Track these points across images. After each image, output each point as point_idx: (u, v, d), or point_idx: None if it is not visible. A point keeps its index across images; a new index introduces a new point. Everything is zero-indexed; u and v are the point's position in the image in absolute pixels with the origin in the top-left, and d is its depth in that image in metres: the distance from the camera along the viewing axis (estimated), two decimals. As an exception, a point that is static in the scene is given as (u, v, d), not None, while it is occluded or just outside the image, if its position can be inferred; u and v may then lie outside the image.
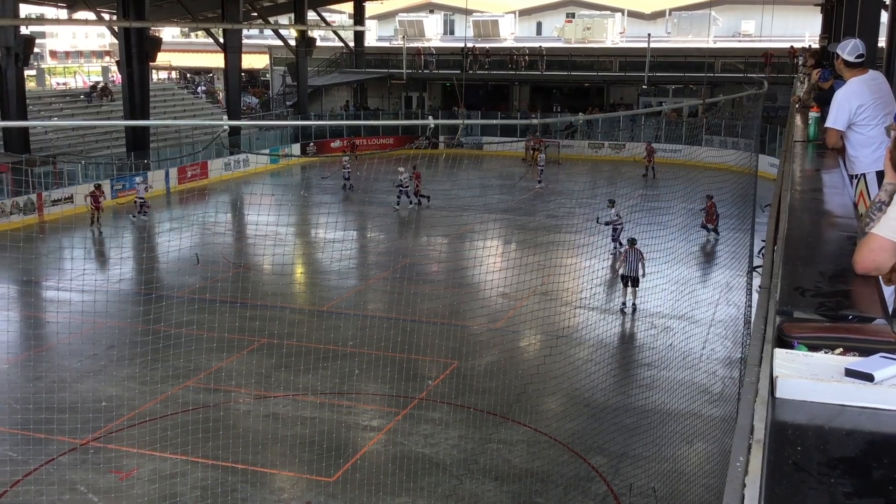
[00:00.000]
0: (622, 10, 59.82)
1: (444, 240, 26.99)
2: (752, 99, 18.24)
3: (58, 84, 65.73)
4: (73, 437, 12.64)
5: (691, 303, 20.08)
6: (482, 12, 59.40)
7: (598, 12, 58.28)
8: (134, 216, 28.33)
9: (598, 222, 23.35)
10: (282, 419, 13.75)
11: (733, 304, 19.69)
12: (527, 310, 18.87)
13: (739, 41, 54.63)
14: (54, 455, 12.29)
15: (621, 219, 23.49)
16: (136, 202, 28.78)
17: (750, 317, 14.30)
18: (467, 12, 57.45)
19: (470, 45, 50.75)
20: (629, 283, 19.17)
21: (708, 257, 24.55)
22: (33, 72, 57.83)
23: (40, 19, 52.02)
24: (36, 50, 38.77)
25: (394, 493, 11.42)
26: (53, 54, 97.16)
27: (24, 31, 30.60)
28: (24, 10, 38.00)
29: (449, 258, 25.06)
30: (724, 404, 14.20)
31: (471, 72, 48.66)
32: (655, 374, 15.65)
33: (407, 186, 30.85)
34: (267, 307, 19.68)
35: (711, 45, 51.27)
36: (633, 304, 19.04)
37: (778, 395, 2.00)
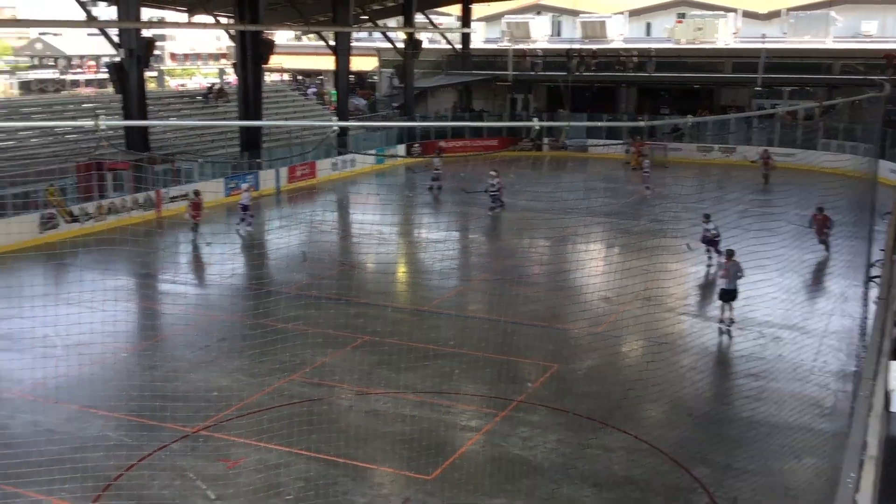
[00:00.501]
0: (736, 10, 58.18)
1: (545, 242, 26.86)
2: (873, 102, 17.48)
3: (176, 85, 68.62)
4: (185, 425, 13.18)
5: (803, 312, 19.41)
6: (590, 13, 58.78)
7: (710, 12, 56.85)
8: (237, 223, 27.86)
9: (688, 249, 22.33)
10: (382, 416, 13.96)
11: (848, 315, 18.91)
12: (629, 315, 18.59)
13: (860, 42, 52.34)
14: (167, 442, 12.83)
15: (718, 231, 22.40)
16: (239, 206, 28.73)
17: (866, 329, 13.72)
18: (575, 13, 56.91)
19: (577, 46, 50.29)
20: (727, 298, 17.92)
21: (822, 266, 23.62)
22: (154, 73, 60.57)
23: (161, 22, 54.33)
24: (156, 52, 40.43)
25: (491, 494, 11.44)
26: (173, 56, 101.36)
27: (145, 33, 31.88)
28: (146, 13, 39.77)
29: (550, 261, 24.93)
30: (836, 419, 13.67)
31: (577, 73, 48.25)
32: (763, 385, 15.18)
33: (497, 190, 30.74)
34: (370, 305, 20.02)
35: (830, 45, 49.33)
36: (731, 318, 17.97)
37: (894, 409, 1.94)
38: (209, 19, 45.74)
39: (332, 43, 42.88)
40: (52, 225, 26.21)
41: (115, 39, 31.49)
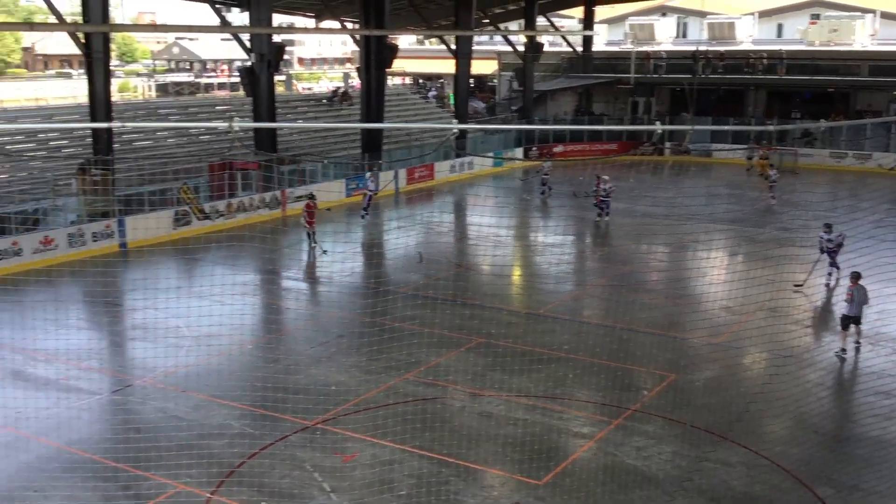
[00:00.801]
0: (874, 11, 55.41)
1: (665, 249, 26.31)
2: None
3: (303, 89, 70.66)
4: (304, 418, 13.59)
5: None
6: (718, 14, 57.20)
7: (846, 13, 54.36)
8: (362, 216, 29.36)
9: (797, 288, 20.83)
10: (494, 418, 14.00)
11: None
12: (752, 325, 18.00)
13: None
14: (287, 433, 13.26)
15: (840, 242, 21.05)
16: (364, 196, 30.03)
17: None
18: (702, 15, 55.40)
19: (703, 47, 49.01)
20: (850, 324, 16.65)
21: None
22: (282, 77, 62.54)
23: (290, 28, 56.04)
24: (285, 57, 41.76)
25: (603, 503, 11.31)
26: (301, 61, 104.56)
27: (275, 39, 32.95)
28: (276, 19, 41.10)
29: (670, 268, 24.41)
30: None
31: (703, 76, 47.01)
32: (895, 403, 14.42)
33: (608, 195, 29.74)
34: (484, 307, 20.10)
35: (978, 46, 46.43)
36: (858, 342, 16.81)
37: None
38: (336, 25, 46.96)
39: (453, 47, 43.30)
40: (184, 221, 27.51)
41: (248, 44, 32.73)
